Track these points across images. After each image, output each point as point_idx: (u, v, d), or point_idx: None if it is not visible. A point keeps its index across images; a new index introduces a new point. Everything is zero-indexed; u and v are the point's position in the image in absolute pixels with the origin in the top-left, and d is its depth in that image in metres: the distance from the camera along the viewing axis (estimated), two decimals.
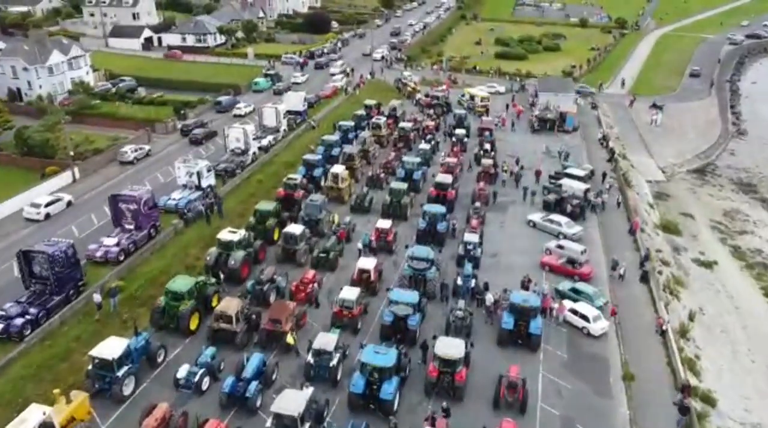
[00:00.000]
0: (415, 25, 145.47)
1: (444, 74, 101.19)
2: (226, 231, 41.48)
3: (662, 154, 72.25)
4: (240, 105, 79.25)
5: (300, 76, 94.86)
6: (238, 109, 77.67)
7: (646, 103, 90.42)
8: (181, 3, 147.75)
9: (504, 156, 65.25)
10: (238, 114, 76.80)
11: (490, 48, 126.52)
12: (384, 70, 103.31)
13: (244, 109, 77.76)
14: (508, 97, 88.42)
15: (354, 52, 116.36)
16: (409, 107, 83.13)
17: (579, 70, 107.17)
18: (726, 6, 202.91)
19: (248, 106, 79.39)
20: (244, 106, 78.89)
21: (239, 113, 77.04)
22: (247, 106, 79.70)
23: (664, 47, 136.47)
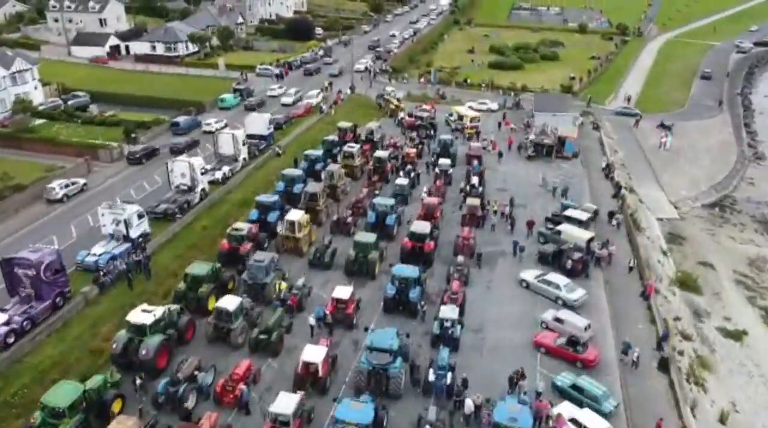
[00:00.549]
0: (402, 33, 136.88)
1: (432, 88, 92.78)
2: (138, 311, 32.94)
3: (674, 185, 63.96)
4: (210, 120, 72.09)
5: (277, 88, 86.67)
6: (208, 125, 70.69)
7: (652, 121, 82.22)
8: (155, 8, 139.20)
9: (494, 190, 56.96)
10: (208, 130, 69.46)
11: (484, 57, 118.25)
12: (369, 83, 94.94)
13: (215, 125, 70.57)
14: (501, 116, 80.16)
15: (338, 61, 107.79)
16: (391, 128, 74.79)
17: (579, 83, 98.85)
18: (730, 10, 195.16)
19: (219, 121, 72.14)
20: (215, 121, 71.50)
21: (209, 130, 69.32)
22: (218, 121, 72.43)
23: (669, 56, 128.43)
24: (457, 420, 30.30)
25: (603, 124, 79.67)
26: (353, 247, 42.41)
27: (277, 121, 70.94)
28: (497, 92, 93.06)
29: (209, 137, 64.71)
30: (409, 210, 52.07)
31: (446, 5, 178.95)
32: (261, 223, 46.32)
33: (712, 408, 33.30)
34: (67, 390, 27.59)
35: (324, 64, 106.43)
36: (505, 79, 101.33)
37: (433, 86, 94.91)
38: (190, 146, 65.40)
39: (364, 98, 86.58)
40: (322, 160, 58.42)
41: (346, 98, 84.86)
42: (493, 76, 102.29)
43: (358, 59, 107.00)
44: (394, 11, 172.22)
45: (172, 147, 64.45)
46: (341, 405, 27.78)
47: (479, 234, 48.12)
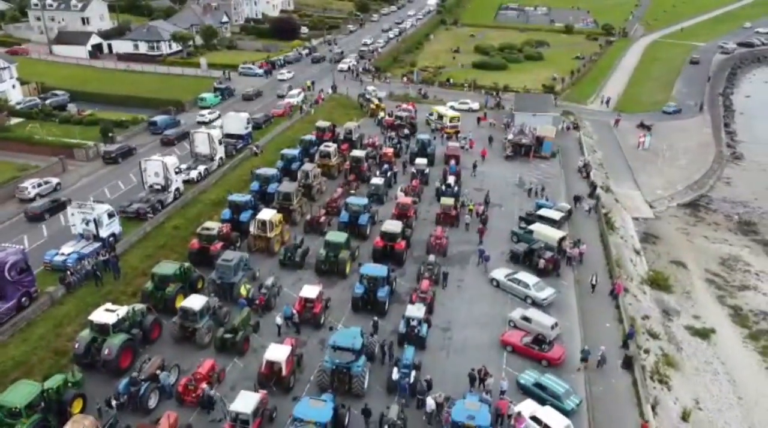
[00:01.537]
0: (388, 32, 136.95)
1: (414, 88, 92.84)
2: (101, 311, 32.76)
3: (650, 185, 64.31)
4: (204, 111, 75.10)
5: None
6: (202, 116, 73.48)
7: (633, 121, 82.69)
8: (140, 6, 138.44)
9: (471, 190, 57.08)
10: (201, 121, 72.59)
11: (469, 57, 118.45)
12: (361, 81, 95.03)
13: (208, 116, 73.65)
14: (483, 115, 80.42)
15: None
16: (371, 127, 74.79)
17: (562, 83, 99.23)
18: (715, 11, 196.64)
19: (213, 112, 75.21)
20: (208, 113, 74.61)
21: (203, 120, 72.68)
22: (212, 112, 75.40)
23: (653, 57, 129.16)
24: (420, 419, 30.35)
25: (583, 124, 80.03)
26: (324, 246, 42.37)
27: (257, 120, 70.72)
28: (479, 92, 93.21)
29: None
30: (384, 209, 52.08)
31: (433, 5, 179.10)
32: (234, 223, 46.21)
33: (675, 406, 33.53)
34: (25, 390, 27.38)
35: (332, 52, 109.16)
36: (488, 79, 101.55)
37: (416, 86, 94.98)
38: (180, 138, 66.54)
39: (346, 98, 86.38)
40: (299, 160, 58.31)
41: (327, 98, 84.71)
42: (476, 76, 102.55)
43: (341, 59, 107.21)
44: (381, 11, 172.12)
45: (163, 138, 66.44)
46: (300, 404, 27.76)
47: (453, 234, 48.24)
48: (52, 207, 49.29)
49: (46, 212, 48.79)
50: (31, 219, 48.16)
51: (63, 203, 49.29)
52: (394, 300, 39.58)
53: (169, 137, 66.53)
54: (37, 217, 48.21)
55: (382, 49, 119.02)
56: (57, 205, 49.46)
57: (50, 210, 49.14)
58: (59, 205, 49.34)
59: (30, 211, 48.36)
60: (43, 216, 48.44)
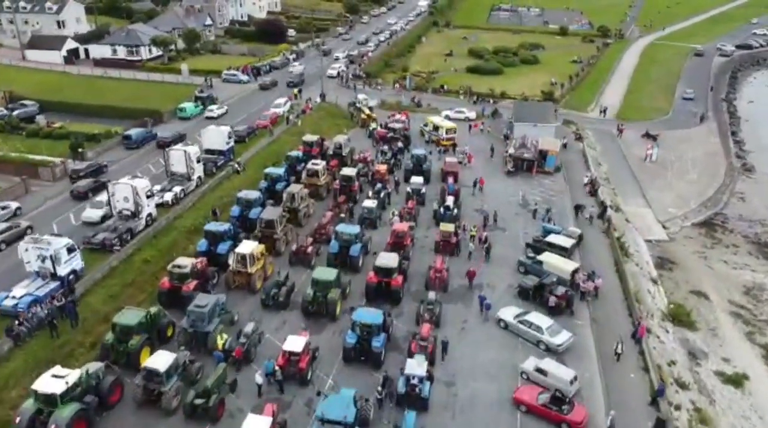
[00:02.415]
0: (379, 35, 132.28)
1: (407, 95, 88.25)
2: (47, 377, 27.94)
3: (661, 201, 60.15)
4: (212, 107, 76.27)
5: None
6: (210, 112, 75.27)
7: (637, 129, 78.62)
8: (120, 8, 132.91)
9: (471, 211, 52.66)
10: (210, 116, 74.47)
11: (462, 61, 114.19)
12: (354, 87, 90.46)
13: (216, 111, 75.57)
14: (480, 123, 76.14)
15: (308, 66, 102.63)
16: (362, 139, 70.18)
17: (561, 89, 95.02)
18: (710, 12, 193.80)
19: (221, 108, 76.84)
20: (216, 108, 76.11)
21: (211, 116, 74.58)
22: (220, 107, 77.01)
23: (652, 59, 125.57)
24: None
25: (586, 134, 75.87)
26: (311, 285, 37.71)
27: (239, 133, 65.87)
28: (475, 100, 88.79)
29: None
30: (378, 234, 47.54)
31: (425, 6, 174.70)
32: (211, 256, 41.49)
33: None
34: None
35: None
36: (483, 84, 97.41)
37: (408, 93, 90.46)
38: (176, 140, 64.04)
39: (336, 107, 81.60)
40: (284, 179, 53.58)
41: (315, 107, 79.93)
42: (471, 81, 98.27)
43: (330, 64, 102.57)
44: (371, 12, 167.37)
45: (159, 141, 64.05)
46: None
47: (454, 263, 43.83)
48: (9, 236, 44.19)
49: (2, 243, 43.75)
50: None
51: (24, 231, 44.41)
52: (390, 348, 35.03)
53: (165, 140, 63.93)
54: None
55: (372, 53, 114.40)
56: (14, 233, 44.38)
57: (7, 241, 44.06)
58: (18, 234, 44.29)
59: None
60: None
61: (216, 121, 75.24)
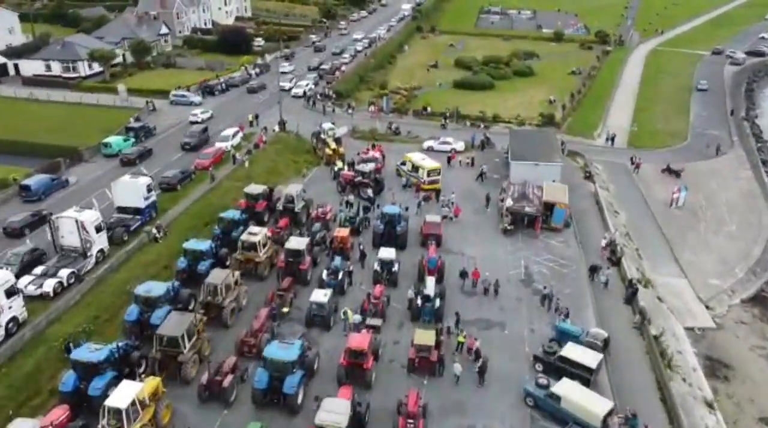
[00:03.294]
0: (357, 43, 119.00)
1: (383, 120, 75.30)
2: None
3: (699, 268, 47.68)
4: (196, 111, 72.51)
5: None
6: (194, 116, 71.40)
7: (655, 162, 66.21)
8: (66, 15, 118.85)
9: (457, 296, 39.92)
10: (194, 121, 70.58)
11: (448, 73, 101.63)
12: (310, 112, 77.44)
13: (201, 115, 71.82)
14: (464, 156, 63.49)
15: (270, 83, 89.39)
16: (326, 182, 57.32)
17: (561, 110, 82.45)
18: (711, 13, 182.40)
19: (205, 112, 73.27)
20: (201, 112, 72.45)
21: (194, 120, 70.60)
22: (204, 111, 73.47)
23: (657, 68, 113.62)
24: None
25: (595, 168, 63.39)
26: None
27: (168, 180, 52.65)
28: (463, 124, 76.08)
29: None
30: (330, 339, 34.72)
31: (409, 9, 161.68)
32: (79, 396, 28.45)
33: None
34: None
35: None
36: (472, 101, 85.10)
37: (386, 116, 77.56)
38: (142, 156, 59.65)
39: (297, 139, 68.30)
40: (211, 254, 40.44)
41: (272, 139, 66.73)
42: (458, 99, 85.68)
43: (297, 80, 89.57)
44: (350, 17, 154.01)
45: (122, 158, 58.77)
46: None
47: (434, 389, 31.13)
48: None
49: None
50: None
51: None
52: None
53: (128, 157, 58.60)
54: None
55: (347, 66, 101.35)
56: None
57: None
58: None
59: None
60: None
61: (200, 125, 68.82)
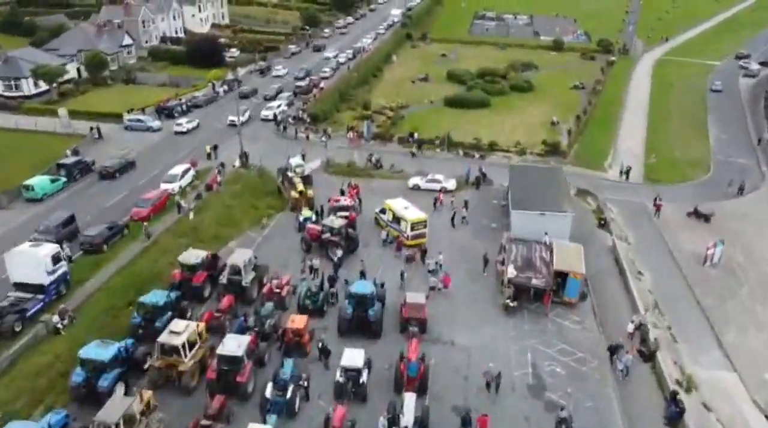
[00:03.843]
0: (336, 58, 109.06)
1: (362, 151, 65.57)
2: None
3: (749, 354, 38.10)
4: (181, 120, 69.80)
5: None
6: (179, 126, 68.43)
7: (677, 201, 56.72)
8: (20, 24, 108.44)
9: (447, 408, 30.29)
10: (179, 131, 68.17)
11: (439, 87, 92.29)
12: (280, 140, 67.70)
13: (186, 125, 68.73)
14: (459, 198, 53.80)
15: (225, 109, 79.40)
16: (289, 236, 47.55)
17: (567, 135, 72.88)
18: (714, 18, 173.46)
19: (191, 121, 69.83)
20: (186, 122, 69.64)
21: (180, 130, 68.29)
22: (190, 121, 69.90)
23: (666, 81, 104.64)
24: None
25: (611, 212, 53.87)
26: None
27: (90, 238, 42.66)
28: (455, 153, 66.46)
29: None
30: None
31: (398, 15, 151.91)
32: None
33: None
34: None
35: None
36: (466, 122, 76.06)
37: (367, 143, 67.88)
38: (123, 169, 56.69)
39: (260, 177, 58.34)
40: (119, 361, 30.51)
41: (230, 177, 56.75)
42: (450, 120, 76.35)
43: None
44: (336, 23, 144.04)
45: (101, 171, 55.83)
46: None
47: None
48: None
49: None
50: None
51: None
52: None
53: (108, 170, 55.76)
54: None
55: (329, 79, 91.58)
56: None
57: None
58: None
59: None
60: None
61: (185, 136, 64.31)
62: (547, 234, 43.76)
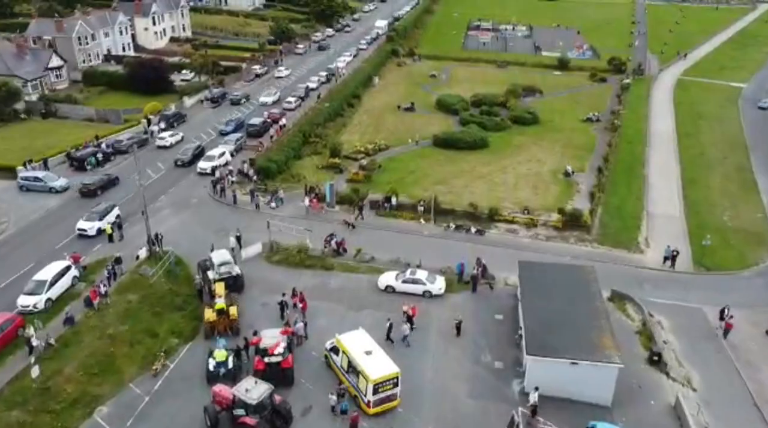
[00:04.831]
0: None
1: (326, 213, 49.62)
2: None
3: None
4: (164, 134, 63.79)
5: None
6: (162, 140, 63.43)
7: (740, 303, 41.22)
8: None
9: None
10: (162, 145, 62.40)
11: (428, 121, 77.09)
12: (218, 209, 51.57)
13: (169, 139, 63.67)
14: (445, 306, 38.12)
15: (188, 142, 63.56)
16: (192, 392, 31.55)
17: (590, 200, 57.14)
18: (728, 30, 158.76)
19: (174, 134, 64.25)
20: (169, 135, 63.78)
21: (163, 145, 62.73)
22: (174, 134, 64.80)
23: (692, 111, 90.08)
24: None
25: (661, 332, 38.20)
26: None
27: None
28: (447, 226, 50.65)
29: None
30: None
31: (383, 27, 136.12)
32: None
33: None
34: None
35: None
36: (458, 173, 60.84)
37: (331, 209, 52.00)
38: (104, 187, 52.15)
39: (172, 279, 42.00)
40: None
41: (125, 281, 40.42)
42: (438, 170, 61.16)
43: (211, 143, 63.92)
44: (313, 36, 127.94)
45: (81, 188, 51.42)
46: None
47: None
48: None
49: None
50: None
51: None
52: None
53: (88, 187, 51.67)
54: None
55: (292, 114, 75.61)
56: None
57: None
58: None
59: None
60: None
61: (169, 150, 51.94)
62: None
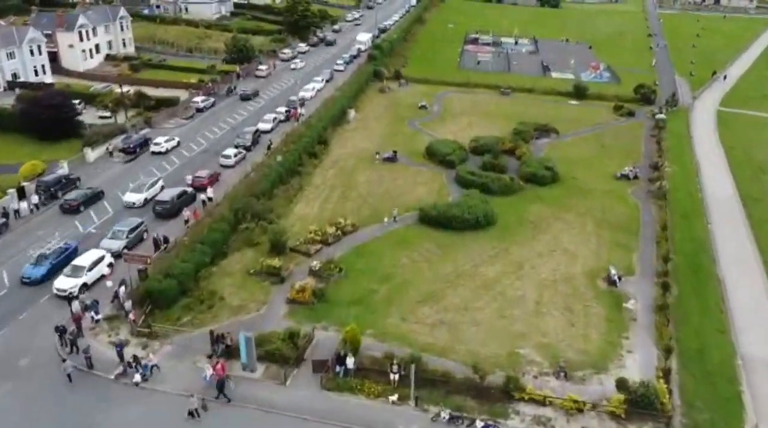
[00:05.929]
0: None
1: (233, 388, 29.46)
2: None
3: None
4: (159, 139, 60.08)
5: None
6: (157, 145, 59.88)
7: None
8: None
9: None
10: (157, 151, 59.22)
11: (413, 177, 57.65)
12: (114, 346, 31.76)
13: (165, 144, 60.23)
14: None
15: None
16: None
17: (657, 348, 37.25)
18: (755, 45, 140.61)
19: (170, 140, 61.06)
20: (165, 141, 60.25)
21: (158, 151, 59.18)
22: (169, 139, 60.94)
23: (748, 159, 71.51)
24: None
25: None
26: None
27: None
28: (435, 418, 30.67)
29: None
30: None
31: (366, 42, 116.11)
32: None
33: None
34: None
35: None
36: (454, 273, 41.83)
37: (251, 373, 31.86)
38: (89, 201, 48.20)
39: None
40: None
41: None
42: (423, 273, 41.58)
43: None
44: (281, 53, 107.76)
45: (63, 204, 48.45)
46: None
47: None
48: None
49: None
50: None
51: None
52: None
53: (72, 203, 48.06)
54: None
55: (229, 174, 55.64)
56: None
57: None
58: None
59: None
60: None
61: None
62: None
